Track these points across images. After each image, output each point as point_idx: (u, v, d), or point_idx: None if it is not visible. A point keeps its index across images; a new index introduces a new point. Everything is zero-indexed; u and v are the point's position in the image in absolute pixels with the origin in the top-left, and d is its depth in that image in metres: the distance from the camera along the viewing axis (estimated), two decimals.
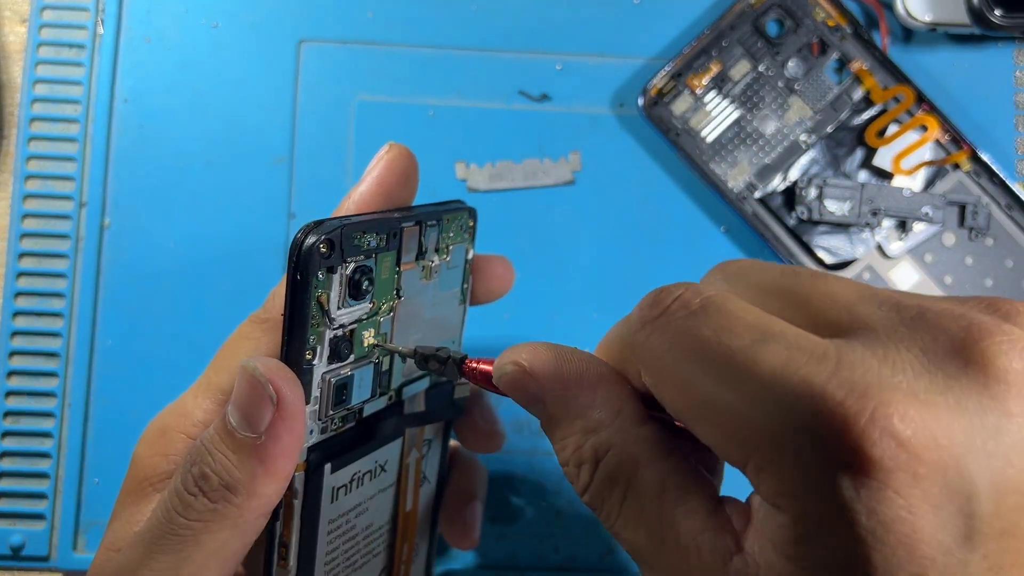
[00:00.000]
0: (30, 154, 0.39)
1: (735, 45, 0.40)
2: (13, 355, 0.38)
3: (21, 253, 0.38)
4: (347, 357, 0.24)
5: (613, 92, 0.41)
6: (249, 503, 0.23)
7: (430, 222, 0.26)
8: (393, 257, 0.25)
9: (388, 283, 0.25)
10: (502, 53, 0.41)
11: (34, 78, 0.39)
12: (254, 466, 0.23)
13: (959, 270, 0.40)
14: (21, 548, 0.37)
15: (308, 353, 0.23)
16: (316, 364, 0.23)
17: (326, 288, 0.23)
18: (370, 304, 0.25)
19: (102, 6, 0.40)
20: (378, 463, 0.27)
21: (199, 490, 0.23)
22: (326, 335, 0.23)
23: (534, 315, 0.39)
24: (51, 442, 0.37)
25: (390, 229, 0.25)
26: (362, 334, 0.25)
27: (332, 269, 0.23)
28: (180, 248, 0.39)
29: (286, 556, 0.25)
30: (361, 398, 0.25)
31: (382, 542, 0.29)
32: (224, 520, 0.23)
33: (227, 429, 0.23)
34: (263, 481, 0.23)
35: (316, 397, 0.24)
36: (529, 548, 0.38)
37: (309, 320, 0.23)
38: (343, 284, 0.23)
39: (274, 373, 0.22)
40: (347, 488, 0.26)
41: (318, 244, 0.22)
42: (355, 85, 0.40)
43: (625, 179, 0.41)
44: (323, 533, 0.26)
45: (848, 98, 0.41)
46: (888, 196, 0.40)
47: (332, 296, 0.23)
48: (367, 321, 0.25)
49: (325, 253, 0.23)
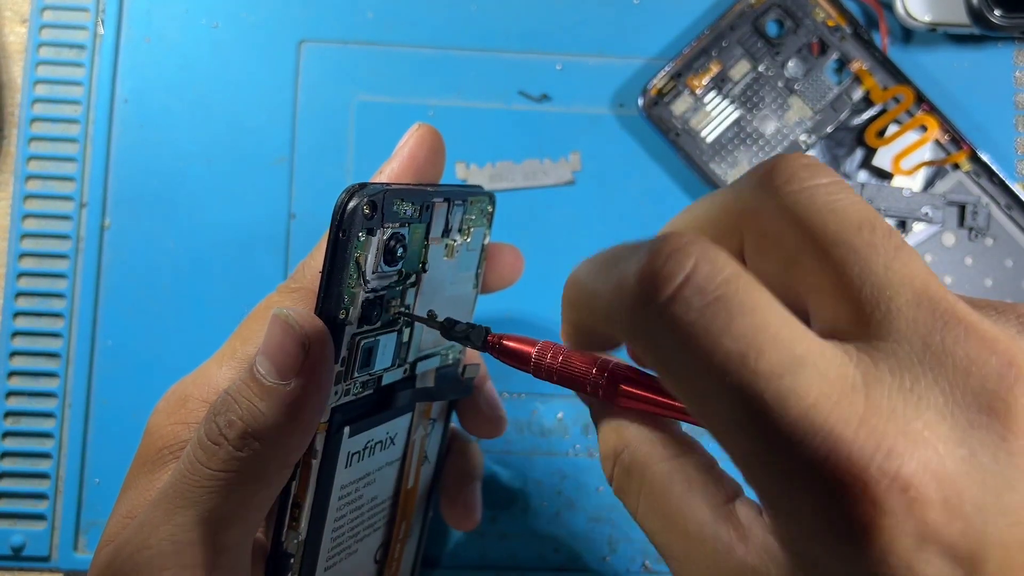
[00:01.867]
0: (31, 154, 0.39)
1: (735, 45, 0.41)
2: (14, 355, 0.38)
3: (22, 253, 0.38)
4: (376, 321, 0.25)
5: (613, 92, 0.41)
6: (275, 452, 0.23)
7: (457, 201, 0.27)
8: (423, 229, 0.26)
9: (416, 255, 0.26)
10: (502, 53, 0.41)
11: (34, 78, 0.39)
12: (281, 414, 0.22)
13: (959, 270, 0.40)
14: (22, 548, 0.37)
15: (342, 312, 0.24)
16: (349, 324, 0.24)
17: (364, 249, 0.24)
18: (398, 273, 0.25)
19: (102, 6, 0.40)
20: (389, 435, 0.27)
21: (224, 438, 0.23)
22: (360, 296, 0.24)
23: (534, 315, 0.39)
24: (52, 442, 0.37)
25: (424, 200, 0.25)
26: (391, 301, 0.25)
27: (372, 231, 0.24)
28: (180, 248, 0.39)
29: (298, 518, 0.25)
30: (383, 365, 0.26)
31: (383, 517, 0.29)
32: (250, 469, 0.22)
33: (255, 378, 0.23)
34: (289, 430, 0.22)
35: (343, 358, 0.24)
36: (529, 548, 0.38)
37: (347, 279, 0.23)
38: (379, 248, 0.24)
39: (307, 322, 0.23)
40: (360, 455, 0.26)
41: (362, 204, 0.23)
42: (355, 85, 0.41)
43: (625, 179, 0.41)
44: (335, 499, 0.26)
45: (848, 98, 0.41)
46: (888, 196, 0.40)
47: (369, 258, 0.24)
48: (394, 289, 0.25)
49: (368, 214, 0.23)
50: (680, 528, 0.19)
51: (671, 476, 0.20)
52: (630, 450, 0.21)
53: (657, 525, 0.20)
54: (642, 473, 0.20)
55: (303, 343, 0.22)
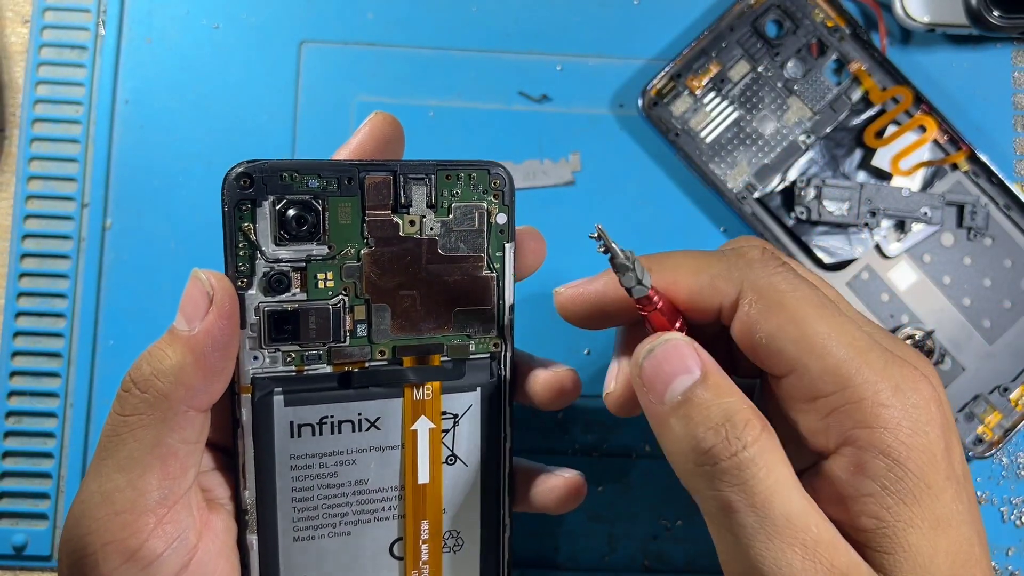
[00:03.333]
0: (32, 155, 0.39)
1: (734, 46, 0.41)
2: (16, 355, 0.38)
3: (23, 254, 0.38)
4: (285, 291, 0.26)
5: (613, 93, 0.41)
6: (177, 392, 0.24)
7: (414, 175, 0.27)
8: (354, 203, 0.26)
9: (350, 229, 0.26)
10: (502, 54, 0.41)
11: (36, 79, 0.39)
12: (184, 355, 0.24)
13: (958, 270, 0.40)
14: (24, 548, 0.37)
15: (241, 281, 0.26)
16: (249, 292, 0.26)
17: (250, 220, 0.26)
18: (327, 247, 0.26)
19: (104, 7, 0.40)
20: (363, 416, 0.28)
21: (132, 383, 0.24)
22: (259, 266, 0.26)
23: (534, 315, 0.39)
24: (53, 442, 0.37)
25: (341, 174, 0.26)
26: (316, 275, 0.26)
27: (256, 203, 0.26)
28: (181, 248, 0.39)
29: (245, 477, 0.27)
30: (318, 337, 0.27)
31: (390, 507, 0.29)
32: (155, 409, 0.24)
33: (170, 331, 0.25)
34: (192, 372, 0.24)
35: (253, 324, 0.26)
36: (529, 548, 0.38)
37: (235, 248, 0.26)
38: (273, 219, 0.26)
39: (214, 277, 0.25)
40: (315, 429, 0.27)
41: (239, 177, 0.25)
42: (355, 86, 0.41)
43: (625, 179, 0.41)
44: (283, 465, 0.27)
45: (847, 99, 0.41)
46: (887, 196, 0.40)
47: (259, 229, 0.26)
48: (322, 263, 0.26)
49: (244, 185, 0.25)
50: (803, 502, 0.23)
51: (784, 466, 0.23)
52: (763, 428, 0.23)
53: (795, 496, 0.23)
54: (782, 449, 0.23)
55: (208, 293, 0.25)
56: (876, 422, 0.23)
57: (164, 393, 0.24)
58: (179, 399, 0.24)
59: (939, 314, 0.40)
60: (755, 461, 0.23)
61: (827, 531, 0.22)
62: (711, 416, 0.23)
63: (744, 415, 0.23)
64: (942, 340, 0.40)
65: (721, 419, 0.23)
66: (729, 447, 0.23)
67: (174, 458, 0.25)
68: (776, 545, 0.22)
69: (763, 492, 0.22)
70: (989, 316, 0.40)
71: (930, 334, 0.39)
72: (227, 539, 0.27)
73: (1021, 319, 0.40)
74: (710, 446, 0.23)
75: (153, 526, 0.24)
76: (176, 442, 0.25)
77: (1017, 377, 0.40)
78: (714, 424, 0.23)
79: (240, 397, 0.27)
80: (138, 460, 0.24)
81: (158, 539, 0.24)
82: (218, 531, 0.27)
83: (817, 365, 0.23)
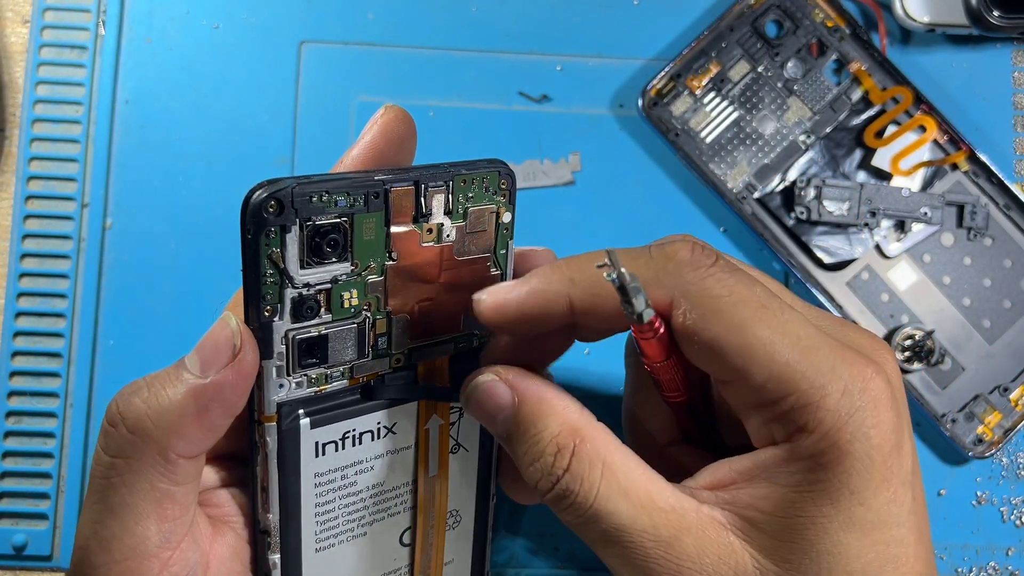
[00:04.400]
0: (32, 155, 0.39)
1: (734, 46, 0.41)
2: (16, 355, 0.38)
3: (23, 254, 0.38)
4: (314, 316, 0.25)
5: (613, 93, 0.41)
6: (168, 439, 0.22)
7: (434, 184, 0.26)
8: (379, 218, 0.25)
9: (375, 244, 0.25)
10: (502, 54, 0.41)
11: (36, 79, 0.39)
12: (187, 401, 0.22)
13: (957, 270, 0.40)
14: (24, 548, 0.37)
15: (267, 310, 0.24)
16: (277, 321, 0.24)
17: (278, 246, 0.23)
18: (351, 265, 0.25)
19: (104, 7, 0.40)
20: (381, 424, 0.27)
21: (120, 418, 0.23)
22: (287, 294, 0.24)
23: None
24: (54, 442, 0.37)
25: (368, 189, 0.25)
26: (341, 294, 0.25)
27: (286, 228, 0.23)
28: (182, 249, 0.39)
29: (267, 501, 0.26)
30: (344, 358, 0.26)
31: (401, 502, 0.29)
32: (144, 455, 0.22)
33: (178, 366, 0.23)
34: (191, 422, 0.22)
35: (280, 353, 0.25)
36: (529, 548, 0.38)
37: (262, 277, 0.24)
38: (303, 243, 0.24)
39: (245, 332, 0.23)
40: (338, 445, 0.27)
41: (265, 203, 0.23)
42: (356, 86, 0.41)
43: (625, 179, 0.41)
44: (308, 484, 0.26)
45: (847, 99, 0.41)
46: (887, 196, 0.40)
47: (289, 255, 0.24)
48: (347, 282, 0.25)
49: (274, 211, 0.23)
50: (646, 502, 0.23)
51: (628, 460, 0.24)
52: (589, 441, 0.24)
53: (622, 504, 0.23)
54: (604, 459, 0.23)
55: (234, 344, 0.23)
56: (817, 427, 0.22)
57: (153, 438, 0.22)
58: (169, 447, 0.22)
59: (939, 314, 0.40)
60: (570, 487, 0.23)
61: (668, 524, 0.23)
62: (529, 450, 0.24)
63: (553, 446, 0.24)
64: (942, 340, 0.40)
65: (536, 452, 0.24)
66: (548, 479, 0.24)
67: (170, 502, 0.23)
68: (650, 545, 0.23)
69: (587, 512, 0.23)
70: (989, 316, 0.40)
71: (930, 334, 0.39)
72: (234, 564, 0.26)
73: (1021, 319, 0.40)
74: (534, 480, 0.24)
75: (158, 570, 0.23)
76: (170, 485, 0.23)
77: (1017, 377, 0.40)
78: (531, 457, 0.24)
79: (264, 426, 0.25)
80: (131, 507, 0.22)
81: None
82: (225, 557, 0.26)
83: (762, 373, 0.22)
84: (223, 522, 0.26)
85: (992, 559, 0.39)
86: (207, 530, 0.25)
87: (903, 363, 0.39)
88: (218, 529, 0.26)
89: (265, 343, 0.24)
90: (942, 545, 0.39)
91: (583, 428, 0.24)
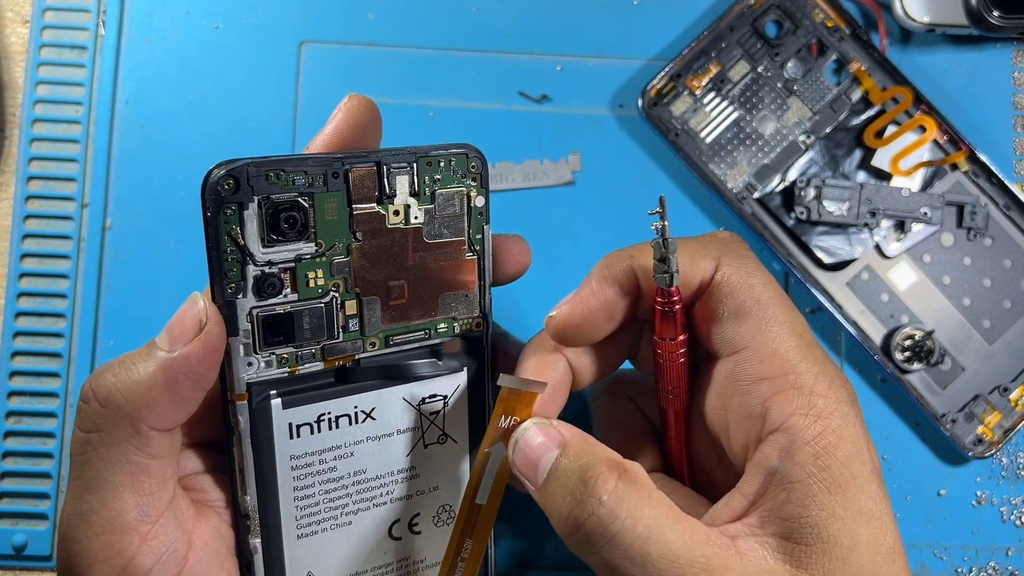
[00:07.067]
0: (32, 155, 0.39)
1: (734, 46, 0.41)
2: (16, 355, 0.38)
3: (23, 254, 0.38)
4: (278, 294, 0.26)
5: (613, 93, 0.41)
6: (139, 411, 0.23)
7: (396, 164, 0.26)
8: (340, 198, 0.26)
9: (338, 224, 0.26)
10: (502, 54, 0.41)
11: (36, 79, 0.39)
12: (156, 374, 0.23)
13: (957, 270, 0.40)
14: (24, 548, 0.37)
15: (230, 287, 0.25)
16: (240, 299, 0.25)
17: (237, 223, 0.24)
18: (315, 245, 0.26)
19: (104, 7, 0.40)
20: (359, 408, 0.28)
21: (92, 393, 0.23)
22: (249, 271, 0.25)
23: (534, 315, 0.39)
24: (53, 442, 0.37)
25: (327, 169, 0.25)
26: (306, 274, 0.26)
27: (243, 205, 0.24)
28: (181, 248, 0.39)
29: (244, 482, 0.26)
30: (312, 337, 0.26)
31: (387, 492, 0.29)
32: (116, 427, 0.23)
33: (149, 345, 0.24)
34: (160, 394, 0.23)
35: (246, 330, 0.25)
36: (529, 548, 0.38)
37: (223, 254, 0.25)
38: (262, 221, 0.25)
39: (212, 308, 0.24)
40: (313, 427, 0.27)
41: (222, 180, 0.24)
42: (355, 86, 0.41)
43: (625, 179, 0.41)
44: (284, 466, 0.27)
45: (847, 99, 0.41)
46: (886, 196, 0.40)
47: (248, 232, 0.25)
48: (311, 261, 0.26)
49: (231, 188, 0.24)
50: (699, 533, 0.23)
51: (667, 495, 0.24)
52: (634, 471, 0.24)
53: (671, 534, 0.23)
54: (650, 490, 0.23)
55: (200, 320, 0.24)
56: (811, 410, 0.24)
57: (125, 411, 0.23)
58: (140, 419, 0.23)
59: (939, 314, 0.40)
60: (615, 513, 0.23)
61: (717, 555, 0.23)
62: (567, 483, 0.24)
63: (596, 470, 0.23)
64: (942, 340, 0.40)
65: (576, 483, 0.23)
66: (585, 508, 0.23)
67: (146, 475, 0.23)
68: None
69: (635, 542, 0.22)
70: (989, 316, 0.40)
71: (930, 334, 0.39)
72: (219, 545, 0.26)
73: (1021, 319, 0.40)
74: (567, 512, 0.23)
75: (138, 544, 0.23)
76: (145, 459, 0.23)
77: (1017, 377, 0.40)
78: (569, 490, 0.23)
79: (235, 405, 0.26)
80: (107, 480, 0.23)
81: (145, 556, 0.23)
82: (208, 538, 0.26)
83: (770, 346, 0.25)
84: (207, 505, 0.27)
85: (992, 559, 0.39)
86: (190, 511, 0.26)
87: (903, 363, 0.39)
88: (202, 512, 0.26)
89: (231, 320, 0.25)
90: (942, 545, 0.39)
91: (624, 462, 0.24)
